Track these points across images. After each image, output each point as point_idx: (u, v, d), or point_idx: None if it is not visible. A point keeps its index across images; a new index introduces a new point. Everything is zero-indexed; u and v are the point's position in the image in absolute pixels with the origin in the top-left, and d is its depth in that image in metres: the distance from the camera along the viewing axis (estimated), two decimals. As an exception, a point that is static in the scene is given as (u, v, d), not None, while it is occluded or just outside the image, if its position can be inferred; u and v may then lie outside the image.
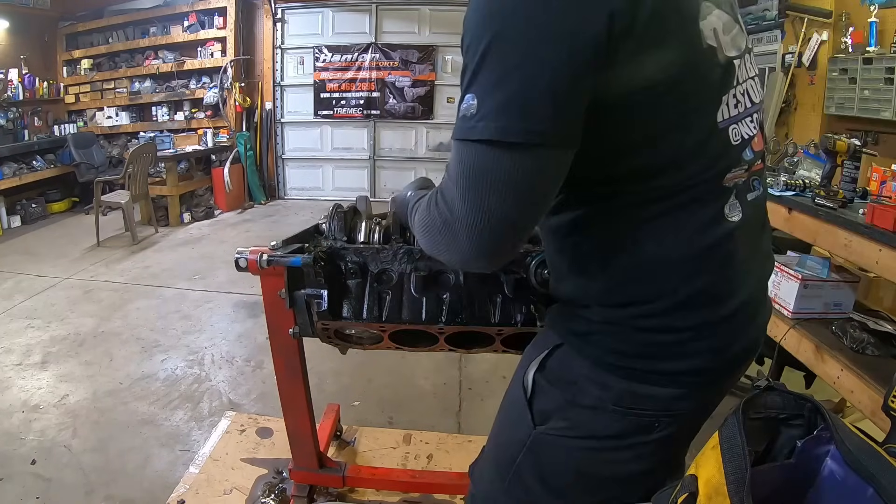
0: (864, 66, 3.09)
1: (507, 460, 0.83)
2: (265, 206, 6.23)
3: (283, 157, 6.56)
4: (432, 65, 6.10)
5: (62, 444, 2.04)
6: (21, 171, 5.29)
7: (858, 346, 1.71)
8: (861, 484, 0.58)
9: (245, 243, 1.78)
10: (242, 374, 2.60)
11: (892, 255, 1.52)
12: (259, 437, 2.08)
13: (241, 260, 1.16)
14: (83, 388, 2.43)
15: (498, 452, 0.88)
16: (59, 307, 3.33)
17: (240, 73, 6.22)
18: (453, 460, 1.97)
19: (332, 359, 2.48)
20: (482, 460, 0.95)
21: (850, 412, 2.05)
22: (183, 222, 5.41)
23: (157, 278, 3.87)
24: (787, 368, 2.09)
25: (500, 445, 0.88)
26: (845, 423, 0.65)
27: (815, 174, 2.22)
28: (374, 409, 2.31)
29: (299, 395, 1.45)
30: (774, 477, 0.65)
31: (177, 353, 2.80)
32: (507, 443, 0.85)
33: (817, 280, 1.89)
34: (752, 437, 0.63)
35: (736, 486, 0.57)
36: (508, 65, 0.56)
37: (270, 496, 1.74)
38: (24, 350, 2.77)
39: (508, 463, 0.83)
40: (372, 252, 1.14)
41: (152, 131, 6.00)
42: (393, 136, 6.39)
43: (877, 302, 2.35)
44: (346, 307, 1.14)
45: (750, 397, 0.68)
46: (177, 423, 2.20)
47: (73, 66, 6.41)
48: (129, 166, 4.59)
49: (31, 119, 5.77)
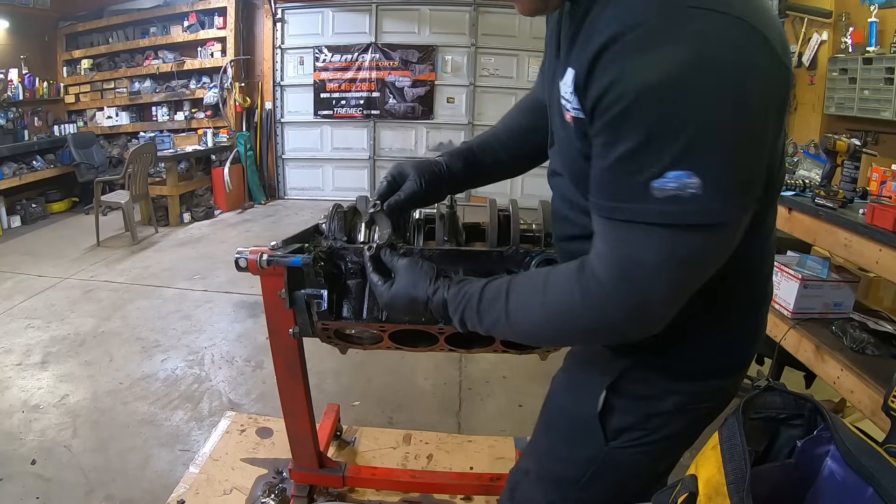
0: (864, 66, 3.09)
1: (571, 478, 0.84)
2: (265, 206, 6.23)
3: (283, 157, 6.56)
4: (432, 65, 6.10)
5: (62, 444, 2.04)
6: (21, 171, 5.29)
7: (858, 346, 1.71)
8: (861, 484, 0.58)
9: (245, 243, 1.78)
10: (242, 374, 2.60)
11: (892, 255, 1.52)
12: (259, 437, 2.08)
13: (241, 260, 1.15)
14: (83, 388, 2.43)
15: (554, 472, 0.87)
16: (59, 307, 3.33)
17: (240, 73, 6.22)
18: (453, 460, 1.97)
19: (332, 359, 2.48)
20: (528, 484, 0.91)
21: (850, 412, 2.05)
22: (183, 222, 5.41)
23: (157, 278, 3.87)
24: (787, 368, 2.09)
25: (556, 465, 0.87)
26: (845, 423, 0.65)
27: (815, 174, 2.22)
28: (374, 409, 2.31)
29: (299, 395, 1.45)
30: (774, 477, 0.65)
31: (177, 353, 2.80)
32: (568, 462, 0.85)
33: (817, 280, 1.89)
34: (752, 437, 0.63)
35: (736, 486, 0.57)
36: (732, 142, 0.50)
37: (270, 496, 1.74)
38: (24, 350, 2.77)
39: (573, 481, 0.84)
40: (372, 252, 1.14)
41: (152, 131, 5.99)
42: (393, 136, 6.39)
43: (877, 302, 2.35)
44: (346, 307, 1.14)
45: (750, 397, 0.68)
46: (177, 423, 2.20)
47: (73, 66, 6.41)
48: (129, 166, 4.59)
49: (31, 119, 5.77)
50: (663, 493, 0.71)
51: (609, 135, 0.53)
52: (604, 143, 0.55)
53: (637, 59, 0.50)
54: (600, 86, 0.53)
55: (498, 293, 0.68)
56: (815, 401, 0.67)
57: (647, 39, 0.50)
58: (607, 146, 0.54)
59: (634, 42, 0.50)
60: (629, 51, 0.50)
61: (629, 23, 0.51)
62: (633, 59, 0.50)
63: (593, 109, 0.55)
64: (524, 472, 0.94)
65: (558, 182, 0.79)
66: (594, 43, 0.54)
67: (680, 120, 0.49)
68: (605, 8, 0.55)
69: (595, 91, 0.54)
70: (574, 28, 0.61)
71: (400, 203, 0.91)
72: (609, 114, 0.52)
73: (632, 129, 0.51)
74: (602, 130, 0.54)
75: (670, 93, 0.49)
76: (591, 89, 0.54)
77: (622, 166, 0.53)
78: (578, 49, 0.59)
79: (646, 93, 0.49)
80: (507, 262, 1.10)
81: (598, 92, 0.53)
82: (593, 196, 0.59)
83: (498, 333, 0.70)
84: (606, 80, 0.52)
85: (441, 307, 0.72)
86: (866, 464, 0.59)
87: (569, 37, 0.63)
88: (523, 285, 0.66)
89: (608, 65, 0.52)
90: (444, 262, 1.11)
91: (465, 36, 6.02)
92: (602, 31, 0.53)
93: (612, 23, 0.52)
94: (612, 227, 0.56)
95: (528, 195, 5.51)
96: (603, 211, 0.57)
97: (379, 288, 0.79)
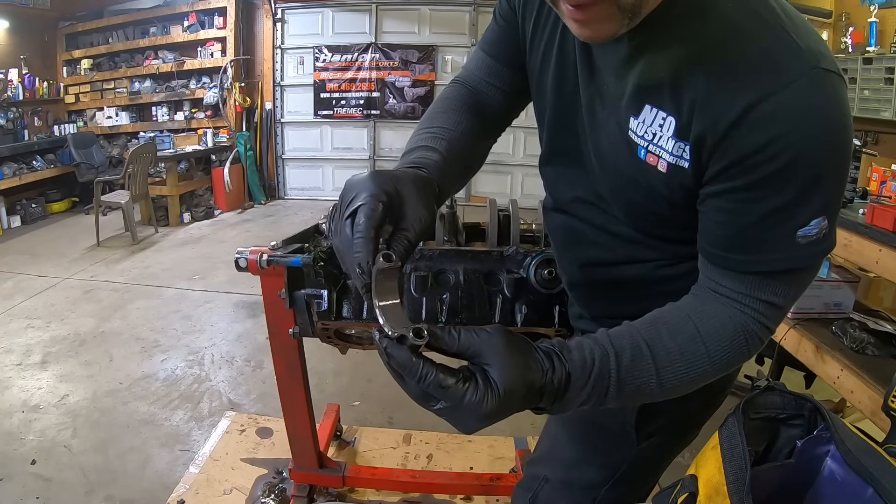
0: (864, 66, 3.10)
1: (601, 481, 0.87)
2: (265, 206, 6.23)
3: (283, 157, 6.55)
4: (432, 65, 6.09)
5: (62, 444, 2.04)
6: (21, 171, 5.29)
7: (858, 346, 1.71)
8: (861, 484, 0.58)
9: (245, 243, 1.77)
10: (242, 374, 2.59)
11: (892, 255, 1.52)
12: (259, 437, 2.08)
13: (241, 260, 1.15)
14: (83, 388, 2.43)
15: (584, 479, 0.89)
16: (59, 307, 3.33)
17: (240, 73, 6.22)
18: (453, 460, 1.97)
19: (332, 359, 2.48)
20: (552, 493, 0.91)
21: (850, 412, 2.05)
22: (183, 222, 5.41)
23: (157, 278, 3.87)
24: (787, 368, 2.09)
25: (587, 472, 0.89)
26: (845, 423, 0.65)
27: (815, 174, 2.22)
28: (374, 409, 2.31)
29: (299, 395, 1.45)
30: (774, 477, 0.65)
31: (177, 353, 2.80)
32: (599, 467, 0.87)
33: (817, 280, 1.89)
34: (752, 437, 0.63)
35: (736, 486, 0.57)
36: (838, 188, 0.56)
37: (270, 496, 1.74)
38: (24, 350, 2.77)
39: (601, 483, 0.87)
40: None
41: (152, 131, 6.00)
42: (393, 136, 6.38)
43: (877, 302, 2.35)
44: (346, 307, 1.14)
45: (750, 397, 0.68)
46: (177, 423, 2.20)
47: (73, 66, 6.41)
48: (129, 166, 4.59)
49: (31, 119, 5.77)
50: (663, 493, 0.71)
51: (757, 191, 0.55)
52: (747, 198, 0.56)
53: (797, 119, 0.52)
54: (752, 143, 0.53)
55: (638, 353, 0.57)
56: (815, 401, 0.67)
57: (801, 101, 0.52)
58: (752, 202, 0.55)
59: (788, 104, 0.52)
60: (785, 111, 0.52)
61: (777, 83, 0.52)
62: (792, 120, 0.52)
63: (733, 165, 0.55)
64: (542, 479, 0.93)
65: (589, 210, 0.75)
66: (733, 100, 0.54)
67: (826, 174, 0.54)
68: (712, 55, 0.55)
69: (745, 148, 0.54)
70: (652, 64, 0.59)
71: (412, 248, 0.58)
72: (762, 171, 0.54)
73: (787, 185, 0.53)
74: (748, 186, 0.55)
75: (824, 153, 0.53)
76: (734, 146, 0.55)
77: (773, 218, 0.55)
78: (676, 94, 0.58)
79: (806, 153, 0.52)
80: (508, 262, 1.10)
81: (749, 149, 0.54)
82: (719, 249, 0.60)
83: (634, 400, 0.60)
84: (763, 138, 0.53)
85: (563, 384, 0.54)
86: (866, 464, 0.58)
87: (641, 72, 0.61)
88: (669, 341, 0.58)
89: (763, 123, 0.53)
90: (444, 262, 1.11)
91: (465, 36, 6.02)
92: (736, 86, 0.54)
93: (752, 80, 0.53)
94: (758, 280, 0.58)
95: (528, 195, 5.53)
96: (741, 265, 0.58)
97: (470, 398, 0.50)
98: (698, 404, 0.82)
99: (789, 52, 0.53)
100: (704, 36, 0.55)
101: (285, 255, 1.12)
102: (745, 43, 0.54)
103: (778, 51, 0.53)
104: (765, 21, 0.54)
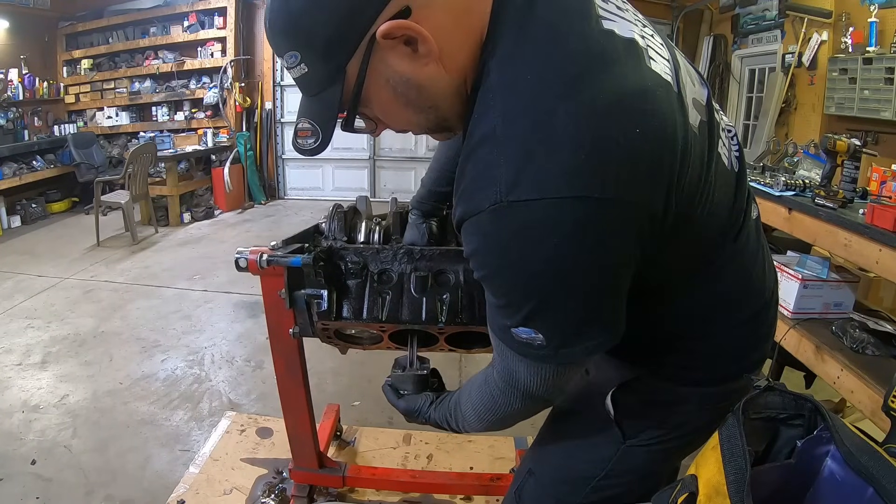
0: (864, 66, 3.10)
1: (587, 477, 0.86)
2: (265, 206, 6.23)
3: (283, 157, 6.55)
4: (432, 65, 6.10)
5: (62, 444, 2.04)
6: (21, 171, 5.29)
7: (858, 346, 1.71)
8: (861, 484, 0.58)
9: (245, 243, 1.78)
10: (242, 374, 2.60)
11: (892, 255, 1.52)
12: (259, 437, 2.08)
13: (241, 260, 1.15)
14: (83, 388, 2.43)
15: (569, 473, 0.89)
16: (59, 307, 3.33)
17: (240, 73, 6.22)
18: (453, 460, 1.97)
19: (332, 359, 2.48)
20: (537, 486, 0.93)
21: (850, 412, 2.05)
22: (183, 222, 5.41)
23: (157, 278, 3.87)
24: (787, 368, 2.09)
25: (573, 467, 0.89)
26: (845, 423, 0.65)
27: (815, 174, 2.23)
28: (374, 409, 2.31)
29: (299, 395, 1.45)
30: (774, 477, 0.65)
31: (177, 353, 2.80)
32: (583, 464, 0.87)
33: (817, 280, 1.89)
34: (752, 437, 0.63)
35: (736, 486, 0.57)
36: (568, 306, 0.59)
37: (270, 496, 1.74)
38: (24, 350, 2.77)
39: (587, 479, 0.86)
40: (372, 252, 1.14)
41: (152, 131, 5.99)
42: (393, 136, 6.30)
43: (877, 302, 2.36)
44: (346, 307, 1.14)
45: (750, 397, 0.68)
46: (177, 423, 2.20)
47: (73, 66, 6.41)
48: (129, 166, 4.59)
49: (31, 119, 5.77)
50: (663, 493, 0.71)
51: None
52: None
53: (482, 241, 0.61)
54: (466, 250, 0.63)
55: (456, 406, 0.86)
56: (815, 401, 0.67)
57: (484, 227, 0.59)
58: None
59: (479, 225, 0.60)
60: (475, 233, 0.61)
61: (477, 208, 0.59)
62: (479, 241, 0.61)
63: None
64: (527, 472, 0.95)
65: None
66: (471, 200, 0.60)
67: (517, 290, 0.60)
68: None
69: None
70: None
71: None
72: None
73: (497, 290, 0.62)
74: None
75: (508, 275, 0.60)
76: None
77: (495, 310, 0.65)
78: None
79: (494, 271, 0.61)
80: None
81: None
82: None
83: (464, 431, 0.87)
84: (468, 248, 0.61)
85: (434, 424, 0.91)
86: (866, 464, 0.58)
87: None
88: (462, 395, 0.85)
89: (466, 236, 0.62)
90: (444, 262, 1.11)
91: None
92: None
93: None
94: (496, 344, 0.69)
95: (528, 195, 5.51)
96: (491, 330, 0.68)
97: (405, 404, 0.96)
98: (687, 413, 0.81)
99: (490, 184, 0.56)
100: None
101: (285, 255, 1.12)
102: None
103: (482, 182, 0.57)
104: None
